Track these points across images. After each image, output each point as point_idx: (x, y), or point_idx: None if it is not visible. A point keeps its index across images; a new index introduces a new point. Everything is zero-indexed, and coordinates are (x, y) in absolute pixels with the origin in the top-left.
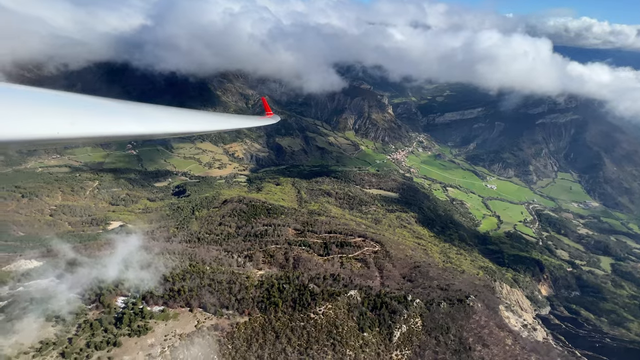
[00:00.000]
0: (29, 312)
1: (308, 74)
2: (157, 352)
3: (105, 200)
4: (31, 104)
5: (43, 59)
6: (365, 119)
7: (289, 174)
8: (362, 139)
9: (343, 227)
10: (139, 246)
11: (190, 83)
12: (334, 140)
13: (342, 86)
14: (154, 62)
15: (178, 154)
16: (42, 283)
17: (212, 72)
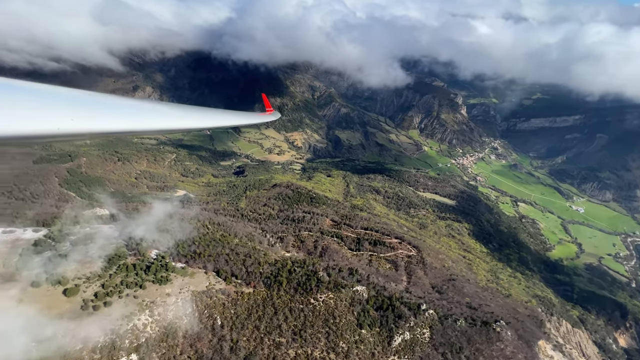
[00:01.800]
0: (88, 248)
1: (370, 67)
2: (171, 300)
3: (178, 171)
4: (31, 100)
5: (147, 47)
6: (432, 119)
7: (343, 167)
8: (426, 140)
9: (382, 226)
10: (188, 213)
11: (260, 72)
12: (395, 138)
13: (407, 82)
14: (230, 51)
15: (244, 137)
16: (103, 228)
17: (281, 62)
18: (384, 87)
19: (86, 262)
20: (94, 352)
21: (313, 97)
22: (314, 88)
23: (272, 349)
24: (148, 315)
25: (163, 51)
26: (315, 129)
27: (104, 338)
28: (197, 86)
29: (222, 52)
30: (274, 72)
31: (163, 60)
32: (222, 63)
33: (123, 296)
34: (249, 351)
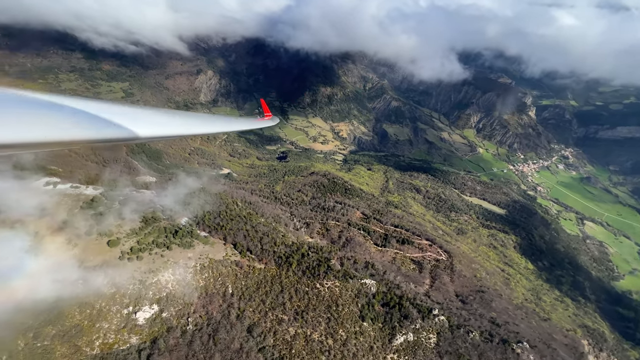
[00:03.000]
0: (132, 208)
1: (424, 59)
2: (191, 264)
3: (226, 151)
4: (26, 109)
5: (211, 34)
6: (493, 119)
7: (386, 162)
8: (482, 141)
9: (414, 225)
10: (224, 189)
11: (314, 61)
12: (447, 136)
13: (463, 76)
14: (286, 39)
15: (291, 124)
16: (147, 193)
17: (334, 51)
18: (437, 81)
19: (128, 220)
20: (124, 296)
21: (364, 88)
22: (366, 79)
23: (274, 323)
24: (170, 273)
25: (225, 37)
26: (362, 121)
27: (133, 286)
28: (254, 72)
29: (277, 40)
30: (327, 61)
31: (225, 46)
32: (278, 50)
33: (152, 254)
34: (253, 322)
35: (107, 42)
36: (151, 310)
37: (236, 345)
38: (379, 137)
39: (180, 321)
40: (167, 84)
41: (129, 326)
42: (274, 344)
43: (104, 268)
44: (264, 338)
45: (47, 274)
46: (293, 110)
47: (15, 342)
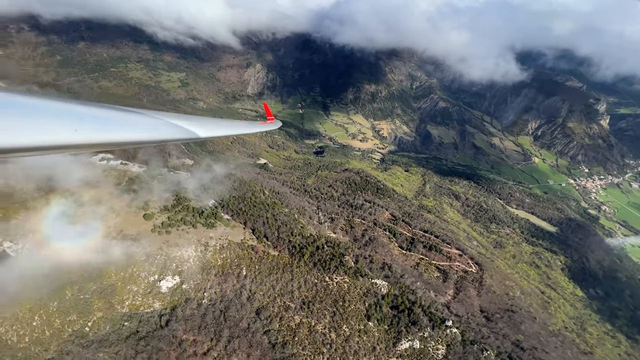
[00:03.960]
0: (168, 187)
1: (475, 58)
2: (212, 243)
3: (266, 143)
4: (33, 112)
5: (262, 29)
6: (555, 126)
7: (425, 164)
8: (539, 150)
9: (445, 232)
10: (255, 178)
11: (360, 57)
12: (498, 142)
13: (520, 78)
14: (332, 35)
15: (332, 120)
16: (182, 174)
17: (381, 48)
18: (488, 81)
19: (164, 197)
20: (152, 265)
21: (411, 86)
22: (413, 77)
23: (282, 309)
24: (193, 249)
25: (275, 32)
26: (405, 120)
27: (160, 257)
28: (300, 67)
29: (324, 36)
30: (373, 58)
31: (275, 41)
32: (324, 46)
33: (179, 230)
34: (261, 304)
35: (169, 36)
36: (173, 280)
37: (244, 324)
38: (421, 139)
39: (197, 294)
40: (219, 76)
41: (153, 292)
42: (279, 329)
43: (139, 238)
44: (270, 322)
45: (93, 238)
46: (335, 106)
47: (64, 292)
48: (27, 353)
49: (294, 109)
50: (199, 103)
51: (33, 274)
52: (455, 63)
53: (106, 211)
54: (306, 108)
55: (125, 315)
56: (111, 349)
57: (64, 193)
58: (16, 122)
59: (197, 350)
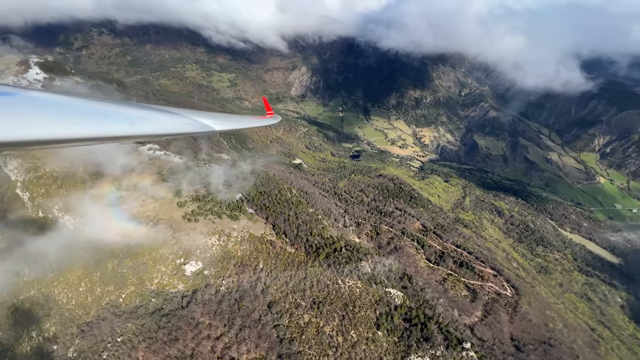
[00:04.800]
0: (201, 179)
1: (532, 64)
2: (233, 234)
3: (303, 143)
4: (31, 107)
5: (309, 33)
6: (630, 143)
7: (468, 176)
8: (607, 169)
9: (481, 250)
10: (286, 176)
11: (406, 62)
12: (556, 157)
13: (586, 87)
14: (379, 39)
15: (372, 124)
16: (216, 167)
17: (428, 52)
18: (544, 90)
19: (196, 187)
20: (179, 249)
21: (459, 93)
22: (463, 84)
23: (292, 306)
24: (216, 239)
25: (321, 36)
26: (450, 128)
27: (187, 243)
28: (344, 70)
29: (369, 39)
30: (420, 63)
31: (321, 45)
32: (369, 50)
33: (206, 219)
34: (274, 299)
35: (223, 39)
36: (196, 265)
37: (256, 315)
38: (466, 149)
39: (216, 281)
40: (265, 77)
41: (178, 274)
42: (288, 324)
43: (171, 223)
44: (280, 317)
45: (133, 219)
46: (376, 110)
47: (106, 265)
48: (72, 314)
49: (334, 111)
50: (245, 102)
51: (84, 246)
52: (508, 70)
53: (147, 196)
54: (347, 111)
55: (152, 292)
56: (138, 321)
57: (114, 177)
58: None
59: (211, 334)
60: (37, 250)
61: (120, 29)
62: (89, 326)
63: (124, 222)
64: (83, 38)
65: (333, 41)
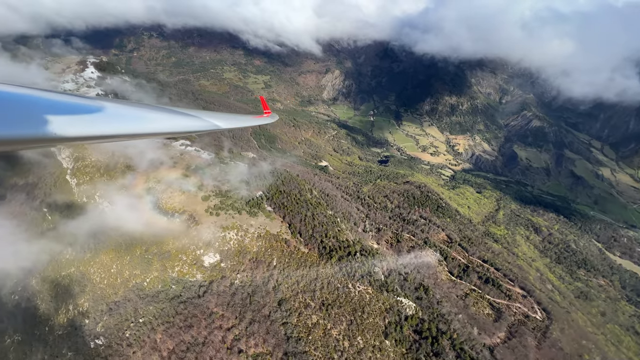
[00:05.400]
0: (226, 174)
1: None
2: (251, 230)
3: (331, 146)
4: (30, 105)
5: (344, 36)
6: None
7: (504, 188)
8: None
9: (511, 267)
10: (309, 178)
11: (443, 67)
12: (608, 174)
13: None
14: (415, 43)
15: (403, 129)
16: (240, 165)
17: (467, 57)
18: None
19: (220, 183)
20: (200, 240)
21: (500, 101)
22: (504, 91)
23: (301, 305)
24: (234, 233)
25: (355, 40)
26: (487, 137)
27: (207, 235)
28: (378, 74)
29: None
30: (457, 68)
31: (356, 49)
32: (405, 54)
33: (227, 214)
34: (284, 296)
35: (260, 43)
36: (214, 257)
37: (266, 311)
38: (504, 159)
39: (231, 274)
40: (299, 80)
41: (197, 264)
42: (296, 323)
43: (194, 215)
44: (289, 315)
45: (162, 209)
46: (408, 116)
47: (135, 250)
48: (103, 292)
49: (365, 116)
50: (277, 104)
51: (117, 231)
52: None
53: (175, 189)
54: (378, 116)
55: (173, 279)
56: (159, 305)
57: (147, 170)
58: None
59: (223, 325)
60: (79, 232)
61: (168, 32)
62: (116, 305)
63: (153, 212)
64: (135, 41)
65: (368, 45)
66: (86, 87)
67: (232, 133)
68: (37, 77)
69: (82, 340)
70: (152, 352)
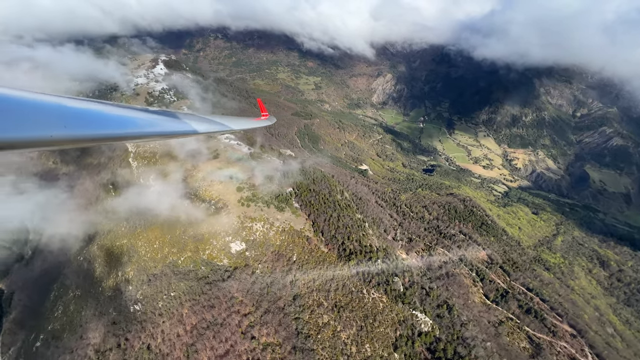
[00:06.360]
0: (261, 168)
1: None
2: (276, 224)
3: (375, 150)
4: (24, 108)
5: (399, 40)
6: None
7: (568, 212)
8: None
9: (561, 301)
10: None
11: (503, 74)
12: None
13: None
14: (472, 48)
15: (454, 139)
16: (276, 160)
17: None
18: None
19: (255, 175)
20: (230, 228)
21: (573, 114)
22: (580, 103)
23: (315, 303)
24: (261, 225)
25: (411, 43)
26: (553, 154)
27: (236, 224)
28: (432, 79)
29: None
30: (523, 75)
31: (411, 53)
32: (464, 59)
33: (257, 205)
34: (299, 292)
35: (314, 46)
36: (241, 246)
37: (280, 304)
38: (571, 180)
39: (254, 263)
40: (349, 82)
41: (225, 250)
42: (308, 320)
43: (228, 204)
44: (302, 311)
45: (200, 196)
46: (462, 124)
47: (175, 229)
48: (146, 264)
49: (414, 122)
50: (325, 105)
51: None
52: None
53: (215, 178)
54: (428, 123)
55: (203, 261)
56: (188, 282)
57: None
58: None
59: (240, 310)
60: (134, 209)
61: (231, 34)
62: (154, 277)
63: (193, 198)
64: (202, 42)
65: (423, 49)
66: (154, 81)
67: (277, 131)
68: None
69: (124, 304)
70: (177, 324)
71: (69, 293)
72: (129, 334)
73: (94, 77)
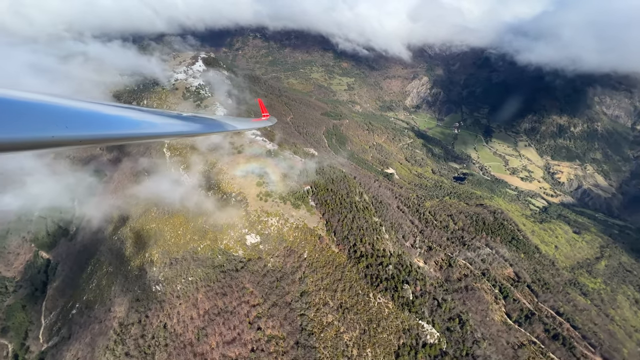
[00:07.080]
0: (282, 166)
1: None
2: (290, 220)
3: (403, 155)
4: (26, 109)
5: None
6: None
7: (616, 234)
8: None
9: (596, 330)
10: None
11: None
12: None
13: None
14: (515, 52)
15: (491, 147)
16: (297, 159)
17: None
18: None
19: (276, 172)
20: (247, 221)
21: (633, 127)
22: None
23: (320, 302)
24: (276, 220)
25: (450, 46)
26: (605, 169)
27: (253, 217)
28: (472, 84)
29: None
30: (573, 82)
31: (450, 55)
32: (503, 63)
33: (274, 201)
34: (307, 289)
35: (349, 46)
36: (255, 239)
37: (288, 299)
38: (624, 199)
39: (267, 257)
40: (383, 84)
41: (241, 242)
42: (312, 318)
43: (247, 198)
44: (308, 308)
45: (223, 189)
46: (500, 132)
47: (198, 219)
48: (169, 249)
49: (448, 127)
50: (356, 106)
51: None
52: None
53: (237, 173)
54: (464, 129)
55: (220, 250)
56: (205, 269)
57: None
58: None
59: (250, 300)
60: (164, 195)
61: (269, 34)
62: (175, 261)
63: (217, 190)
64: (242, 41)
65: (463, 52)
66: (192, 77)
67: (305, 130)
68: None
69: (148, 283)
70: (192, 307)
71: (102, 269)
72: (149, 312)
73: (138, 72)
